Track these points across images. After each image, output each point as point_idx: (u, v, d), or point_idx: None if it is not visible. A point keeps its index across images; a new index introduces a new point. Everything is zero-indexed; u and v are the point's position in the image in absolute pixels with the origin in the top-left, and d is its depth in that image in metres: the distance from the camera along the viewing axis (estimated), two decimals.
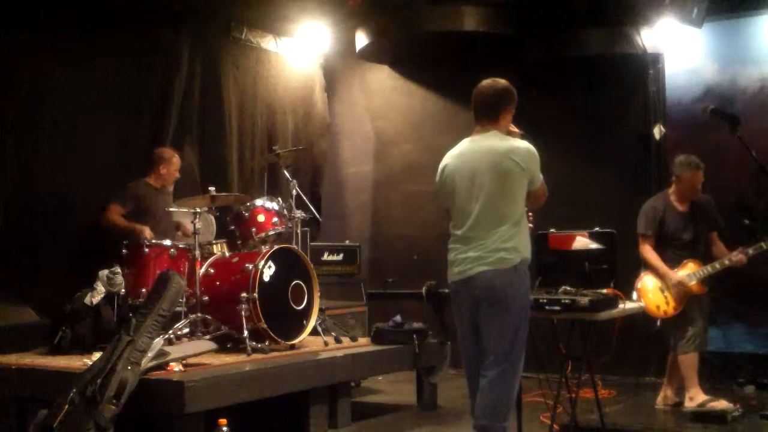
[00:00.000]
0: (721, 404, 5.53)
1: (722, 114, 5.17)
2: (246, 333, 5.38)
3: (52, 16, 6.01)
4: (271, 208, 6.06)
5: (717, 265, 5.68)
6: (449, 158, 4.13)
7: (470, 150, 4.05)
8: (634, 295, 5.66)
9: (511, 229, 3.94)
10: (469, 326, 4.04)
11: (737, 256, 5.64)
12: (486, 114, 4.07)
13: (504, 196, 3.95)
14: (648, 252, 5.80)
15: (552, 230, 5.00)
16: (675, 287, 5.66)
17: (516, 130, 4.14)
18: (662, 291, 5.74)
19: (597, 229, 4.93)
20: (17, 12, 5.85)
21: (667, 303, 5.71)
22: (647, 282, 5.78)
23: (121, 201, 6.06)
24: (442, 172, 4.12)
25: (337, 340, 5.97)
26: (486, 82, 4.11)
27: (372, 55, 8.33)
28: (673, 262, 5.76)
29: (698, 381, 5.68)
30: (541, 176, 4.05)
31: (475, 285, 3.94)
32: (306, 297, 5.78)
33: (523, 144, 4.02)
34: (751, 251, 5.62)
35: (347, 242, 7.85)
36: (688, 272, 5.70)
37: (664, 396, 5.93)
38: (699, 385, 5.68)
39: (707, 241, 5.83)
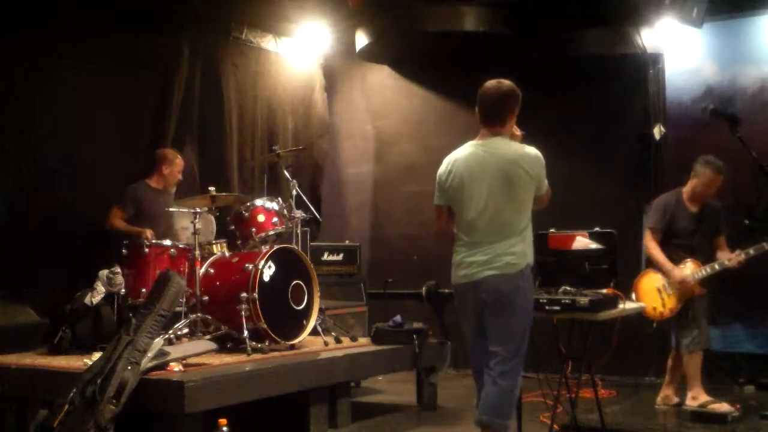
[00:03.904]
0: (723, 407, 5.54)
1: (722, 114, 5.18)
2: (246, 333, 5.37)
3: (52, 16, 6.01)
4: (271, 208, 6.06)
5: (716, 266, 5.69)
6: (456, 161, 4.10)
7: (478, 155, 4.05)
8: (633, 296, 5.66)
9: (519, 235, 4.00)
10: (474, 327, 4.10)
11: (736, 258, 5.64)
12: (492, 117, 4.07)
13: (512, 203, 4.00)
14: (653, 247, 5.81)
15: (552, 230, 5.00)
16: (678, 285, 5.66)
17: (518, 132, 4.15)
18: (659, 292, 5.74)
19: (597, 229, 4.94)
20: (17, 12, 5.85)
21: (664, 305, 5.72)
22: (645, 283, 5.80)
23: (121, 205, 6.06)
24: (449, 175, 4.11)
25: (337, 340, 5.97)
26: (491, 83, 4.09)
27: (372, 55, 8.33)
28: (674, 262, 5.76)
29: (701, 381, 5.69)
30: (546, 182, 4.10)
31: (481, 288, 3.99)
32: (306, 297, 5.78)
33: (532, 151, 4.04)
34: (752, 251, 5.62)
35: (347, 242, 7.85)
36: (688, 272, 5.71)
37: (664, 396, 5.94)
38: (702, 385, 5.68)
39: (713, 244, 5.84)
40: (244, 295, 5.46)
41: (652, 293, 5.74)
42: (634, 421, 5.55)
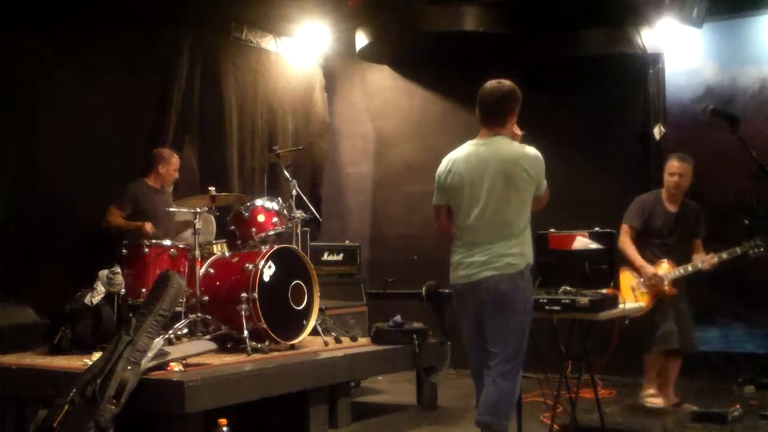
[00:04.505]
0: (656, 401, 5.78)
1: (722, 114, 5.17)
2: (246, 333, 5.37)
3: (53, 15, 6.00)
4: (271, 208, 6.06)
5: (690, 268, 5.75)
6: (456, 161, 4.09)
7: (479, 155, 4.04)
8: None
9: (518, 235, 4.00)
10: (473, 327, 4.09)
11: (709, 261, 5.69)
12: (493, 117, 4.07)
13: (512, 203, 3.99)
14: (626, 243, 5.85)
15: (552, 230, 5.00)
16: (649, 281, 5.69)
17: (518, 132, 4.15)
18: (633, 290, 5.79)
19: (597, 229, 4.94)
20: (17, 12, 5.85)
21: (637, 302, 5.74)
22: (619, 280, 5.82)
23: (119, 204, 6.07)
24: (448, 174, 4.10)
25: (337, 340, 5.97)
26: (491, 83, 4.09)
27: (372, 55, 8.33)
28: (650, 261, 5.79)
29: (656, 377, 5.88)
30: (545, 182, 4.09)
31: (481, 289, 3.98)
32: (306, 297, 5.77)
33: (532, 151, 4.04)
34: (725, 255, 5.68)
35: (347, 242, 7.85)
36: (662, 272, 5.73)
37: (663, 396, 5.94)
38: (653, 381, 5.88)
39: (690, 246, 5.88)
40: (244, 295, 5.46)
41: (626, 291, 5.76)
42: (634, 421, 5.55)
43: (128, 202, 6.10)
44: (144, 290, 5.53)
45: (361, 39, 7.91)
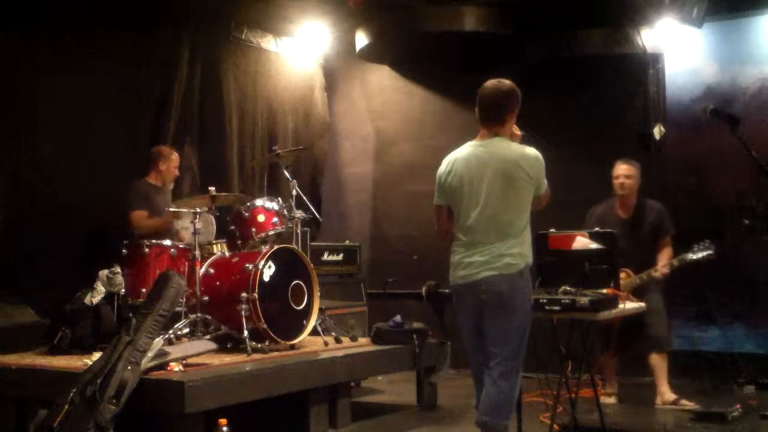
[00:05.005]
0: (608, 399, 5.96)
1: (722, 114, 5.18)
2: (246, 333, 5.37)
3: (52, 16, 6.01)
4: (271, 208, 6.06)
5: (644, 276, 5.77)
6: (456, 161, 4.10)
7: (478, 155, 4.04)
8: None
9: (518, 235, 4.00)
10: (473, 327, 4.09)
11: (662, 270, 5.72)
12: (492, 116, 4.07)
13: (512, 204, 3.99)
14: None
15: (552, 230, 5.00)
16: None
17: (517, 132, 4.15)
18: None
19: (597, 229, 4.94)
20: (17, 12, 5.85)
21: None
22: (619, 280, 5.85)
23: (139, 205, 6.03)
24: (448, 174, 4.10)
25: (337, 340, 5.97)
26: (491, 83, 4.10)
27: (372, 55, 8.33)
28: None
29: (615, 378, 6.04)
30: (546, 182, 4.09)
31: (481, 289, 3.98)
32: (306, 297, 5.77)
33: (532, 151, 4.04)
34: (675, 263, 5.72)
35: (347, 242, 7.85)
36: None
37: (661, 394, 5.94)
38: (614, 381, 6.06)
39: (652, 250, 5.88)
40: (244, 295, 5.45)
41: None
42: (634, 421, 5.55)
43: (142, 200, 6.08)
44: (144, 290, 5.52)
45: (361, 39, 7.92)
